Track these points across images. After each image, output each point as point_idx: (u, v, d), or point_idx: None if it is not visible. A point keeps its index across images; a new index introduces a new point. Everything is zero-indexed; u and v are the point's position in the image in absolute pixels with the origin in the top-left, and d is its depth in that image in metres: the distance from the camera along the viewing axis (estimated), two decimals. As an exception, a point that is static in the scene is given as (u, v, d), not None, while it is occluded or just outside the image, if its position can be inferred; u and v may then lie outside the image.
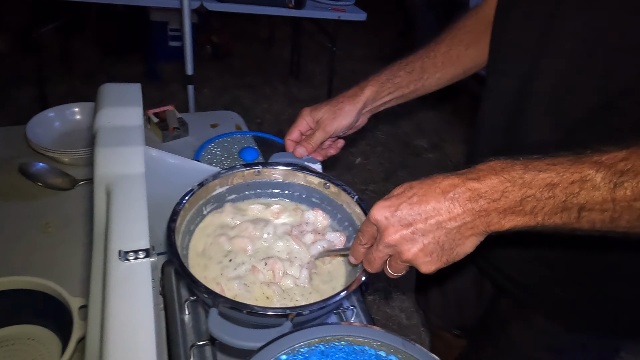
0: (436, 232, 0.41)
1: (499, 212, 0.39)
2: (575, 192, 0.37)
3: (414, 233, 0.42)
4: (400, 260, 0.45)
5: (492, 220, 0.40)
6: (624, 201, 0.36)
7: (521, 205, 0.39)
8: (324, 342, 0.46)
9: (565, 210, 0.38)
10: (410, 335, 1.68)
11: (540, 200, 0.38)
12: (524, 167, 0.40)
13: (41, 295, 0.66)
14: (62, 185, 0.92)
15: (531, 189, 0.38)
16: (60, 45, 2.97)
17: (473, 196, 0.40)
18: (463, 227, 0.41)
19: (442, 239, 0.41)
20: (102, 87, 0.57)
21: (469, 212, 0.40)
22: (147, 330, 0.31)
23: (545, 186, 0.38)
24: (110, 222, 0.39)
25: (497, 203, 0.39)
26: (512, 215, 0.39)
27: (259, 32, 3.92)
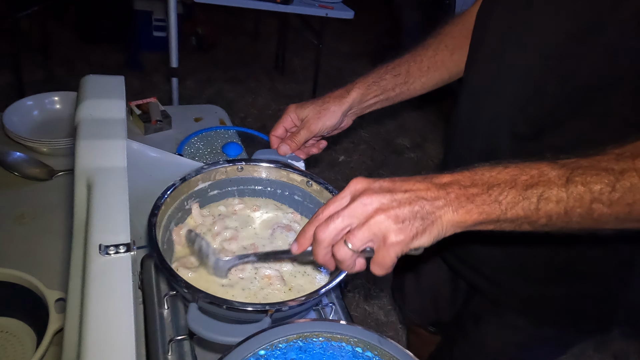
0: (412, 202, 0.42)
1: (467, 198, 0.42)
2: (535, 183, 0.41)
3: (392, 199, 0.42)
4: (367, 227, 0.42)
5: (460, 204, 0.42)
6: (576, 193, 0.40)
7: (488, 193, 0.42)
8: (302, 338, 0.47)
9: (526, 200, 0.41)
10: (388, 332, 1.71)
11: (504, 189, 0.42)
12: (490, 166, 0.44)
13: (16, 287, 0.65)
14: (40, 176, 0.90)
15: (497, 180, 0.42)
16: (38, 31, 2.89)
17: (448, 182, 0.43)
18: (435, 205, 0.42)
19: (415, 209, 0.42)
20: (84, 79, 0.56)
21: (442, 193, 0.42)
22: (127, 324, 0.31)
23: (509, 178, 0.42)
24: (90, 215, 0.39)
25: (467, 189, 0.42)
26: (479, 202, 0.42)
27: (244, 25, 3.89)
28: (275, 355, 0.45)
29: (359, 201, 0.43)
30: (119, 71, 2.92)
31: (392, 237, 0.41)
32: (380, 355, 0.46)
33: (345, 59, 3.76)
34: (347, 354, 0.46)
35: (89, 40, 3.07)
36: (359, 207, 0.43)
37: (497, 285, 0.72)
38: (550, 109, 0.56)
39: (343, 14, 2.41)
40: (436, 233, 0.42)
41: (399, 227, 0.41)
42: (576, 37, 0.51)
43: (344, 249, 0.43)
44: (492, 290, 0.74)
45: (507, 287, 0.71)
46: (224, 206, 0.72)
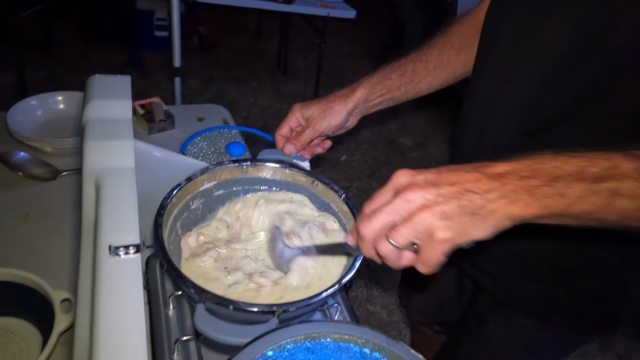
0: (460, 197, 0.38)
1: (527, 190, 0.38)
2: (606, 175, 0.37)
3: (438, 194, 0.39)
4: (411, 223, 0.39)
5: (518, 197, 0.38)
6: None
7: (550, 185, 0.38)
8: (310, 338, 0.47)
9: (595, 195, 0.37)
10: (391, 332, 1.71)
11: (570, 182, 0.38)
12: (553, 154, 0.40)
13: (21, 287, 0.65)
14: (44, 176, 0.90)
15: (562, 171, 0.38)
16: (41, 30, 2.89)
17: (502, 172, 0.39)
18: (487, 199, 0.38)
19: (464, 204, 0.38)
20: (91, 79, 0.56)
21: (496, 184, 0.38)
22: (138, 325, 0.31)
23: (576, 169, 0.38)
24: (99, 216, 0.39)
25: (526, 180, 0.38)
26: (540, 195, 0.38)
27: (246, 25, 3.89)
28: (283, 356, 0.45)
29: (402, 197, 0.40)
30: (122, 70, 2.93)
31: (439, 234, 0.38)
32: (389, 356, 0.46)
33: (347, 58, 3.76)
34: (355, 355, 0.46)
35: (91, 39, 3.07)
36: (402, 203, 0.40)
37: (502, 285, 0.72)
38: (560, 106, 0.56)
39: (345, 14, 2.41)
40: (491, 228, 0.39)
41: (446, 224, 0.38)
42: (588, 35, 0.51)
43: (387, 246, 0.41)
44: (497, 290, 0.73)
45: (511, 287, 0.71)
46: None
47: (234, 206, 0.71)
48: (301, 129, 0.74)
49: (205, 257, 0.62)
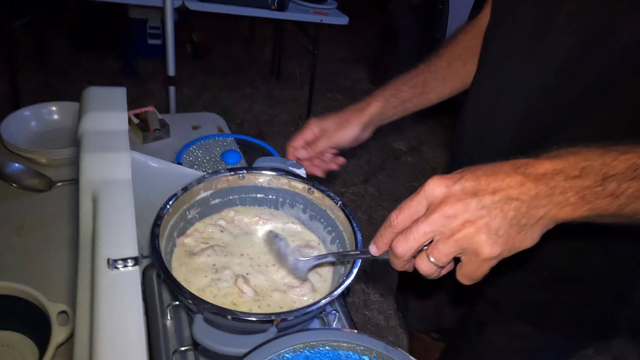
0: (504, 207, 0.35)
1: (576, 192, 0.35)
2: None
3: (480, 206, 0.35)
4: (454, 241, 0.36)
5: (567, 200, 0.35)
6: None
7: (602, 185, 0.35)
8: (309, 347, 0.47)
9: None
10: (389, 337, 1.71)
11: (622, 181, 0.35)
12: (601, 149, 0.37)
13: (16, 300, 0.64)
14: (39, 187, 0.90)
15: (613, 169, 0.36)
16: (34, 39, 2.88)
17: (548, 171, 0.36)
18: (534, 205, 0.35)
19: (510, 215, 0.35)
20: (86, 90, 0.56)
21: (543, 188, 0.35)
22: (138, 338, 0.31)
23: (629, 166, 0.36)
24: (97, 229, 0.39)
25: (575, 181, 0.35)
26: (590, 197, 0.35)
27: (239, 31, 3.90)
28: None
29: (441, 212, 0.36)
30: (115, 78, 2.93)
31: (486, 251, 0.36)
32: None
33: (340, 63, 3.78)
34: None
35: (84, 48, 3.07)
36: (441, 220, 0.37)
37: (500, 292, 0.73)
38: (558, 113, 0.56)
39: (337, 20, 2.43)
40: (539, 233, 0.36)
41: (493, 240, 0.35)
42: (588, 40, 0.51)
43: (427, 264, 0.39)
44: (495, 297, 0.74)
45: (510, 293, 0.72)
46: (224, 219, 0.72)
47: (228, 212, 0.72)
48: (316, 138, 0.75)
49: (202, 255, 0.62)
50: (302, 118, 2.92)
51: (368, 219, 2.24)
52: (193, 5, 2.07)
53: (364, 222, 2.21)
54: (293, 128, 2.83)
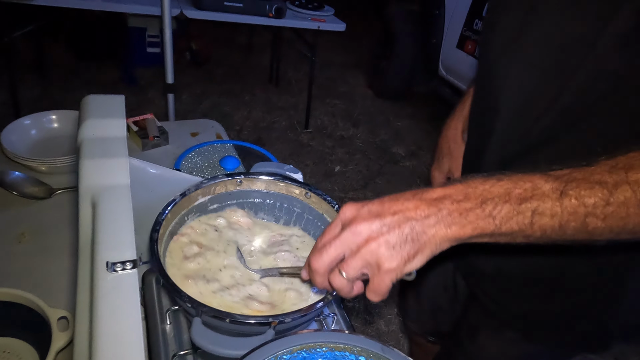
0: (402, 225, 0.41)
1: (460, 213, 0.41)
2: (528, 196, 0.41)
3: (382, 225, 0.42)
4: (360, 255, 0.42)
5: (453, 220, 0.41)
6: (570, 207, 0.40)
7: (481, 207, 0.41)
8: (306, 348, 0.47)
9: (520, 214, 0.41)
10: (389, 341, 1.71)
11: (497, 204, 0.41)
12: (483, 178, 0.43)
13: (17, 306, 0.65)
14: (39, 194, 0.90)
15: (490, 194, 0.42)
16: (33, 49, 2.90)
17: (439, 197, 0.42)
18: (426, 224, 0.41)
19: (406, 232, 0.41)
20: (85, 99, 0.57)
21: (434, 210, 0.41)
22: (136, 340, 0.32)
23: (503, 192, 0.41)
24: (96, 233, 0.40)
25: (460, 204, 0.41)
26: (472, 217, 0.41)
27: (238, 39, 3.93)
28: (280, 366, 0.45)
29: (349, 230, 0.43)
30: (114, 87, 2.95)
31: (386, 264, 0.41)
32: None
33: (338, 70, 3.80)
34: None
35: (84, 57, 3.09)
36: (349, 236, 0.43)
37: (492, 301, 0.73)
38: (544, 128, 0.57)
39: (335, 27, 2.45)
40: (429, 253, 0.42)
41: (391, 253, 0.41)
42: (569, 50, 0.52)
43: (339, 278, 0.44)
44: (488, 304, 0.74)
45: (501, 303, 0.72)
46: (224, 218, 0.72)
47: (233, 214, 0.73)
48: None
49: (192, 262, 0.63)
50: (300, 124, 2.93)
51: (367, 223, 2.24)
52: (191, 13, 2.09)
53: (364, 227, 2.22)
54: (292, 134, 2.85)
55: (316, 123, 3.00)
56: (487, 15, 0.69)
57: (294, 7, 2.47)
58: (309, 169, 2.57)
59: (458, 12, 2.71)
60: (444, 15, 2.84)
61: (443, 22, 2.84)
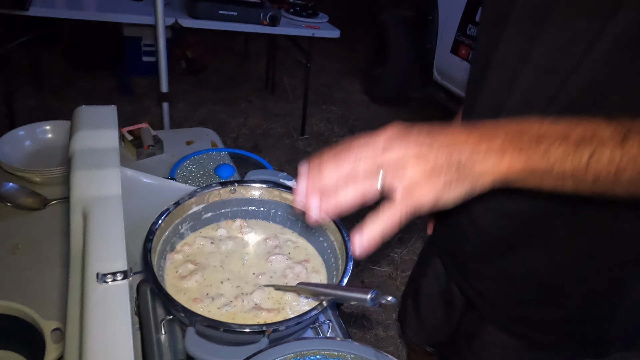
0: (451, 151, 0.38)
1: (515, 146, 0.39)
2: (587, 139, 0.39)
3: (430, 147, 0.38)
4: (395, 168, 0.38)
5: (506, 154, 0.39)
6: (630, 154, 0.39)
7: (537, 144, 0.39)
8: (300, 356, 0.47)
9: (576, 157, 0.39)
10: (388, 348, 1.70)
11: (553, 143, 0.39)
12: (539, 119, 0.41)
13: (10, 318, 0.65)
14: (33, 205, 0.90)
15: (547, 133, 0.40)
16: (29, 60, 2.91)
17: (491, 133, 0.40)
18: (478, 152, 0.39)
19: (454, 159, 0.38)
20: (78, 110, 0.57)
21: (486, 139, 0.39)
22: (126, 351, 0.32)
23: (560, 132, 0.40)
24: (87, 244, 0.40)
25: (514, 138, 0.39)
26: (526, 153, 0.39)
27: (233, 47, 3.94)
28: (274, 375, 0.45)
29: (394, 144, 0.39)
30: (110, 96, 2.95)
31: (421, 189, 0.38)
32: (377, 370, 0.47)
33: (334, 76, 3.82)
34: (344, 370, 0.47)
35: (80, 67, 3.09)
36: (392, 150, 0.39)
37: (490, 305, 0.73)
38: None
39: (329, 34, 2.47)
40: (469, 183, 0.39)
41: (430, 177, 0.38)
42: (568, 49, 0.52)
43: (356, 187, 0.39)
44: (486, 309, 0.74)
45: (500, 307, 0.72)
46: (224, 229, 0.72)
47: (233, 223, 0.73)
48: None
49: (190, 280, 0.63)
50: (297, 130, 2.94)
51: (365, 229, 2.24)
52: (186, 22, 2.10)
53: (361, 233, 2.21)
54: (288, 141, 2.85)
55: (312, 129, 3.01)
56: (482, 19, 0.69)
57: (288, 14, 2.49)
58: (306, 176, 2.57)
59: (451, 17, 2.73)
60: (437, 21, 2.86)
61: (437, 27, 2.86)
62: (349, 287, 0.52)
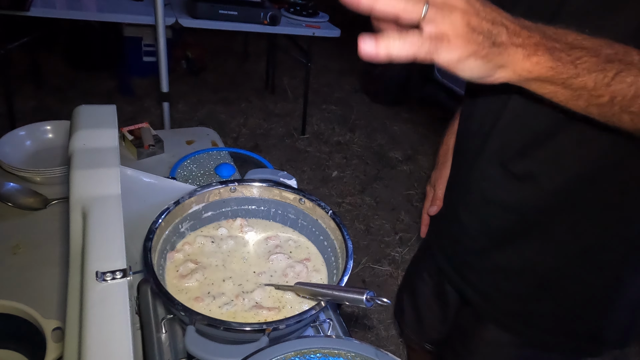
0: (495, 25, 0.38)
1: (547, 49, 0.39)
2: (617, 59, 0.40)
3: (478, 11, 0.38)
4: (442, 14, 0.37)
5: (536, 53, 0.39)
6: None
7: (568, 52, 0.40)
8: (300, 355, 0.47)
9: (602, 72, 0.40)
10: (389, 347, 1.70)
11: (585, 54, 0.40)
12: (576, 31, 0.41)
13: (11, 318, 0.65)
14: (34, 205, 0.90)
15: (581, 44, 0.40)
16: (29, 61, 2.91)
17: (532, 26, 0.40)
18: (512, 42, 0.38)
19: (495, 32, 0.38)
20: (77, 109, 0.57)
21: (525, 34, 0.39)
22: (125, 350, 0.32)
23: (593, 46, 0.40)
24: (86, 243, 0.40)
25: (549, 41, 0.39)
26: (556, 56, 0.39)
27: (233, 47, 3.94)
28: (274, 373, 0.45)
29: None
30: (111, 97, 2.95)
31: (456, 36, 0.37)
32: (378, 368, 0.47)
33: (334, 76, 3.81)
34: (344, 369, 0.47)
35: (80, 68, 3.10)
36: None
37: (485, 300, 0.73)
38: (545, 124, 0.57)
39: (329, 33, 2.46)
40: (492, 65, 0.39)
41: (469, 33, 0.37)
42: None
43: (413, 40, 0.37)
44: (481, 305, 0.74)
45: (494, 301, 0.72)
46: (225, 228, 0.72)
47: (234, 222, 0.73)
48: None
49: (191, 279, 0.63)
50: (297, 130, 2.94)
51: (365, 228, 2.24)
52: (187, 22, 2.10)
53: (362, 232, 2.22)
54: (289, 140, 2.85)
55: (313, 129, 3.01)
56: None
57: (288, 14, 2.49)
58: (307, 175, 2.57)
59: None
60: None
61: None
62: (345, 288, 0.52)
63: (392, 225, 2.29)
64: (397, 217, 2.35)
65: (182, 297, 0.61)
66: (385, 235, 2.22)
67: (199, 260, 0.66)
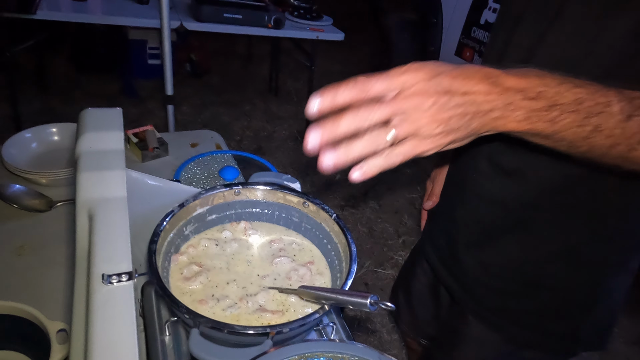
0: (467, 110, 0.38)
1: (525, 113, 0.39)
2: (597, 112, 0.40)
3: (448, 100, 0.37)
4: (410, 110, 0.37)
5: (516, 117, 0.39)
6: (630, 133, 0.40)
7: (548, 111, 0.40)
8: (304, 358, 0.47)
9: (581, 127, 0.40)
10: (392, 350, 1.69)
11: (564, 111, 0.40)
12: (561, 78, 0.41)
13: (16, 319, 0.65)
14: (39, 207, 0.91)
15: (562, 99, 0.40)
16: (35, 63, 2.93)
17: (513, 87, 0.39)
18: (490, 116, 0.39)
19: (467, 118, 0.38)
20: (83, 112, 0.58)
21: (501, 102, 0.39)
22: (131, 353, 0.32)
23: (574, 100, 0.40)
24: (92, 246, 0.40)
25: (530, 103, 0.39)
26: (535, 119, 0.40)
27: (237, 50, 3.96)
28: (278, 377, 0.45)
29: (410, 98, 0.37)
30: (115, 99, 2.97)
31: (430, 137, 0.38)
32: (382, 372, 0.47)
33: (337, 79, 3.76)
34: (348, 373, 0.47)
35: (85, 70, 3.12)
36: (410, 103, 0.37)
37: (470, 296, 0.74)
38: None
39: (333, 36, 2.47)
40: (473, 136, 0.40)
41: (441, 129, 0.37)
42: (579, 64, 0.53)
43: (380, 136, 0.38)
44: (467, 301, 0.75)
45: (479, 298, 0.73)
46: (229, 231, 0.73)
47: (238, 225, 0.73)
48: None
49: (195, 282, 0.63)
50: (301, 133, 2.94)
51: (368, 231, 2.24)
52: (191, 25, 2.11)
53: (365, 235, 2.22)
54: (292, 143, 2.86)
55: (316, 132, 3.01)
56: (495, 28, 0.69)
57: (292, 17, 2.50)
58: (310, 178, 2.57)
59: (456, 20, 2.73)
60: (441, 24, 2.86)
61: (441, 30, 2.86)
62: (349, 292, 0.52)
63: (395, 228, 2.29)
64: (400, 220, 2.35)
65: (186, 299, 0.61)
66: (388, 238, 2.21)
67: (203, 262, 0.67)
